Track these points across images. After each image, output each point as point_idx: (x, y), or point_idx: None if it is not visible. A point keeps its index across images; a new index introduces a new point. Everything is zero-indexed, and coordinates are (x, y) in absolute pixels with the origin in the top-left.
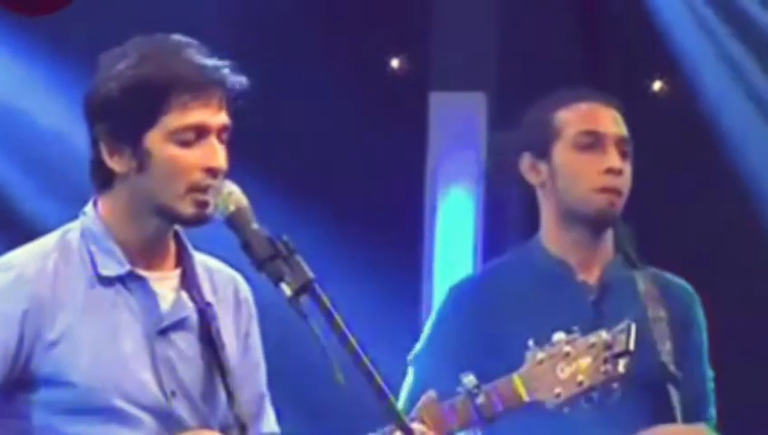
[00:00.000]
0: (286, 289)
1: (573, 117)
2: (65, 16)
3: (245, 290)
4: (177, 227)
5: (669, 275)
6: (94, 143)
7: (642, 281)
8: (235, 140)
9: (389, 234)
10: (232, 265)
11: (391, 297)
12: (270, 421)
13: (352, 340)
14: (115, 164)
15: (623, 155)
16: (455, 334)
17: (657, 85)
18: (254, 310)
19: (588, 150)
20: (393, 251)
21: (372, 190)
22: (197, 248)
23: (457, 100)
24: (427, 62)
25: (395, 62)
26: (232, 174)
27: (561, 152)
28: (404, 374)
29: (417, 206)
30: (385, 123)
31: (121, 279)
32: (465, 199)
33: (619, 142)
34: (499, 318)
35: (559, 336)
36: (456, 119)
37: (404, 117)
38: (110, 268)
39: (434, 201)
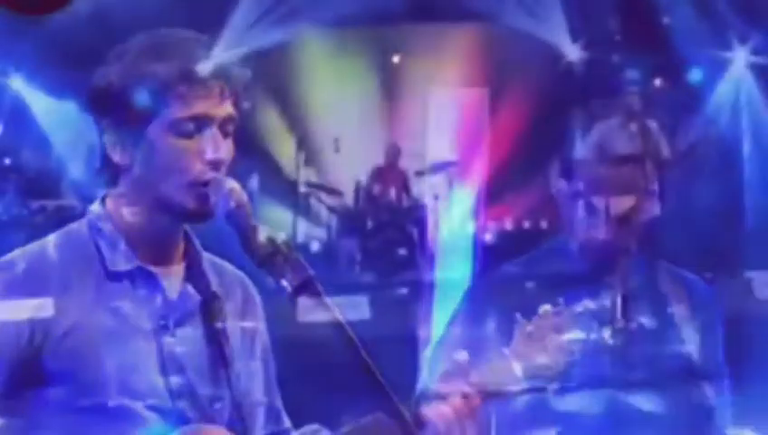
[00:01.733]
0: (286, 286)
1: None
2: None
3: (252, 289)
4: (187, 227)
5: (686, 272)
6: (100, 137)
7: (663, 279)
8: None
9: (389, 233)
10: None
11: (391, 296)
12: (282, 418)
13: (353, 337)
14: (117, 156)
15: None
16: (477, 317)
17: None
18: (260, 309)
19: None
20: (393, 250)
21: (372, 189)
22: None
23: (458, 96)
24: (427, 59)
25: (396, 59)
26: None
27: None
28: (403, 372)
29: (417, 206)
30: (385, 121)
31: (130, 274)
32: (466, 199)
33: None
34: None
35: (545, 308)
36: (457, 115)
37: (404, 113)
38: (119, 264)
39: (434, 201)
